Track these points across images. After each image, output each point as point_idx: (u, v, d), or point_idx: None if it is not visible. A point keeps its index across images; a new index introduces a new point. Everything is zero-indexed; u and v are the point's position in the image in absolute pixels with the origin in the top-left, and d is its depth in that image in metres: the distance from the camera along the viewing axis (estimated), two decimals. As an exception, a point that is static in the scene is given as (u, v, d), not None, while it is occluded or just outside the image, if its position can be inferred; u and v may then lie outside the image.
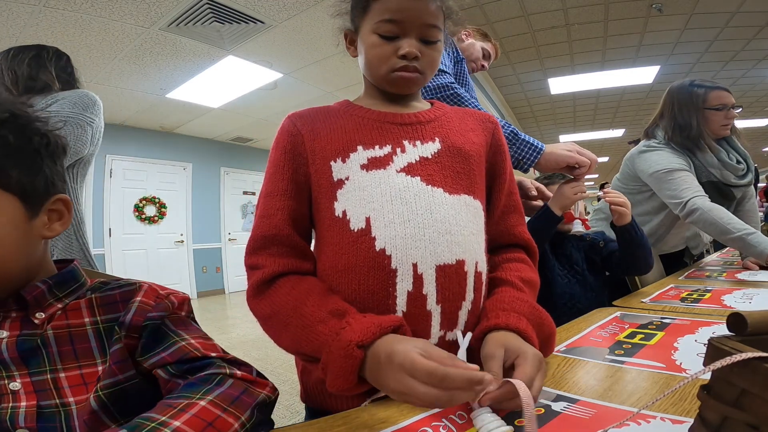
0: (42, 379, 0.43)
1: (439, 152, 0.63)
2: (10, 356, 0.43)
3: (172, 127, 5.74)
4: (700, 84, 1.54)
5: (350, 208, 0.59)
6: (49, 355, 0.44)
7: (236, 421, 0.40)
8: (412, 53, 0.60)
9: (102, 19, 2.96)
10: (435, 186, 0.60)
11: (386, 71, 0.62)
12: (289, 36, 3.42)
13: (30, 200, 0.46)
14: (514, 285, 0.63)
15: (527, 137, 1.03)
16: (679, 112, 1.54)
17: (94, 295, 0.48)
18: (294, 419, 0.48)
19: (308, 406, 0.68)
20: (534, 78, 5.22)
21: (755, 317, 0.33)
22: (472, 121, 0.71)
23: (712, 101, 1.51)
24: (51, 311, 0.46)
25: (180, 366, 0.46)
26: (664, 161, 1.52)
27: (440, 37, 0.63)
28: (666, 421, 0.43)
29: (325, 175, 0.61)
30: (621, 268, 1.25)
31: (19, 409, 0.41)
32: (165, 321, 0.48)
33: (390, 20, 0.60)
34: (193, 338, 0.48)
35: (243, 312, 4.84)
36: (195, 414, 0.37)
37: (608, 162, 9.97)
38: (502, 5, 3.57)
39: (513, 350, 0.49)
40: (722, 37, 4.14)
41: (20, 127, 0.46)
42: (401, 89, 0.65)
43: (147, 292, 0.50)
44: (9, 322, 0.45)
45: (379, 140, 0.62)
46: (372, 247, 0.57)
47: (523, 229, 0.72)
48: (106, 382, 0.44)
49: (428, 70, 0.63)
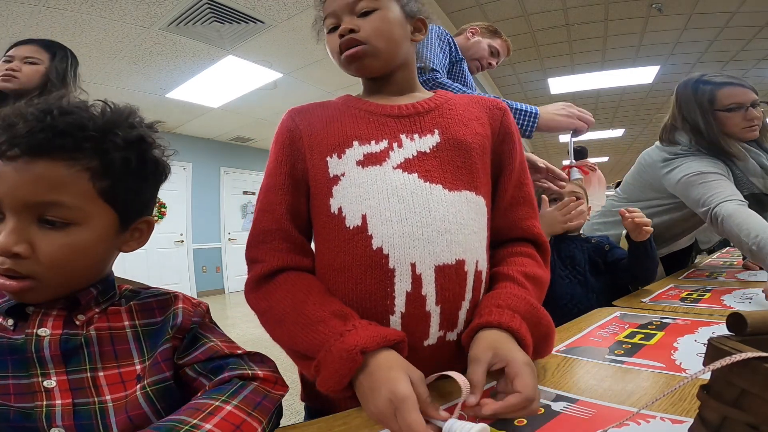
0: (81, 377, 0.44)
1: (438, 146, 0.61)
2: (51, 354, 0.44)
3: (172, 127, 5.74)
4: (708, 80, 1.30)
5: (346, 205, 0.59)
6: (90, 355, 0.46)
7: (259, 426, 0.42)
8: (345, 29, 0.62)
9: (102, 19, 2.95)
10: (433, 183, 0.59)
11: (337, 57, 0.64)
12: (289, 36, 3.42)
13: (125, 218, 0.50)
14: (516, 280, 0.61)
15: (518, 104, 1.03)
16: (688, 115, 1.33)
17: (133, 303, 0.51)
18: (294, 419, 0.48)
19: (308, 406, 0.68)
20: (534, 78, 5.21)
21: (755, 317, 0.33)
22: (478, 108, 0.68)
23: (722, 101, 1.26)
24: (90, 314, 0.48)
25: (207, 364, 0.48)
26: (696, 166, 1.27)
27: (376, 5, 0.63)
28: (666, 421, 0.43)
29: (321, 171, 0.61)
30: (627, 278, 1.23)
31: (55, 408, 0.42)
32: (200, 326, 0.52)
33: (327, 16, 0.65)
34: (219, 341, 0.51)
35: (243, 312, 4.83)
36: (223, 418, 0.39)
37: (608, 162, 9.97)
38: (502, 5, 3.57)
39: (501, 357, 0.48)
40: (722, 37, 4.14)
41: (142, 151, 0.49)
42: (358, 69, 0.65)
43: (184, 301, 0.53)
44: (51, 321, 0.46)
45: (375, 135, 0.61)
46: (369, 246, 0.57)
47: (533, 222, 0.68)
48: (154, 378, 0.46)
49: (372, 37, 0.62)
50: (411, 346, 0.57)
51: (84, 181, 0.45)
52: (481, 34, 1.59)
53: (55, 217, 0.44)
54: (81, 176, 0.44)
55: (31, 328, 0.44)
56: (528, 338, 0.53)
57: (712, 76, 1.30)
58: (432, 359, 0.58)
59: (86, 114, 0.46)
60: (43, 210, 0.43)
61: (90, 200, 0.46)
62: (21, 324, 0.45)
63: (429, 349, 0.58)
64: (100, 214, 0.47)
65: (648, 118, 6.77)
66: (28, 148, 0.42)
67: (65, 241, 0.44)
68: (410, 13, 0.66)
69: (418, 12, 0.67)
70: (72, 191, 0.44)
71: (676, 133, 1.38)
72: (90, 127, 0.45)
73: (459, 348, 0.60)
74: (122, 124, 0.48)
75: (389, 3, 0.64)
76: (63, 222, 0.44)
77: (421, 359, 0.57)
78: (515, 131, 0.70)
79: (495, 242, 0.68)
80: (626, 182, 1.58)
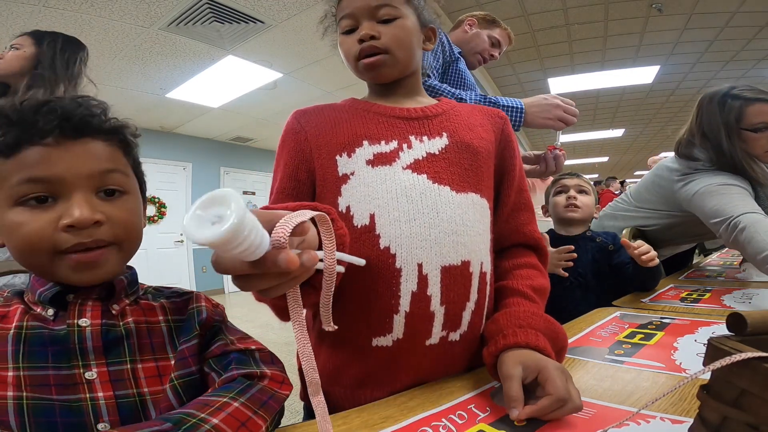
0: (121, 369, 0.45)
1: (446, 148, 0.62)
2: (93, 345, 0.44)
3: (172, 127, 5.74)
4: (738, 94, 1.17)
5: (354, 203, 0.59)
6: (130, 346, 0.46)
7: (264, 424, 0.42)
8: (366, 35, 0.61)
9: (102, 19, 2.95)
10: (442, 184, 0.59)
11: (354, 61, 0.64)
12: (289, 36, 3.42)
13: (143, 193, 0.55)
14: (527, 296, 0.62)
15: (503, 99, 1.03)
16: (710, 132, 1.21)
17: (164, 301, 0.53)
18: (294, 419, 0.48)
19: (307, 405, 0.68)
20: (534, 78, 5.21)
21: (755, 317, 0.33)
22: (481, 116, 0.70)
23: (751, 119, 1.14)
24: (122, 305, 0.49)
25: (220, 360, 0.49)
26: (718, 179, 1.17)
27: (397, 14, 0.62)
28: (666, 421, 0.43)
29: (330, 170, 0.61)
30: (630, 285, 1.22)
31: (99, 401, 0.42)
32: (221, 324, 0.53)
33: (344, 16, 0.64)
34: (236, 339, 0.52)
35: (243, 312, 4.84)
36: (230, 414, 0.40)
37: (608, 162, 9.97)
38: (502, 5, 3.57)
39: (531, 367, 0.49)
40: (722, 37, 4.14)
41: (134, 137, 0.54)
42: (375, 76, 0.65)
43: (204, 299, 0.55)
44: (89, 310, 0.46)
45: (385, 135, 0.61)
46: (376, 245, 0.57)
47: (533, 227, 0.70)
48: (180, 372, 0.47)
49: (393, 46, 0.62)
50: (413, 344, 0.57)
51: (121, 155, 0.50)
52: (480, 25, 1.54)
53: (115, 184, 0.47)
54: (119, 151, 0.49)
55: (72, 318, 0.45)
56: (552, 355, 0.54)
57: (742, 89, 1.17)
58: (433, 359, 0.58)
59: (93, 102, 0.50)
60: (103, 180, 0.46)
61: (130, 171, 0.51)
62: (61, 314, 0.45)
63: (430, 349, 0.58)
64: (134, 185, 0.51)
65: (648, 118, 6.78)
66: (73, 129, 0.45)
67: (128, 206, 0.48)
68: (425, 22, 0.67)
69: (431, 21, 0.68)
70: (121, 162, 0.49)
71: (695, 149, 1.28)
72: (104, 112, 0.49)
73: (460, 349, 0.60)
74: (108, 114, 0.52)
75: (408, 11, 0.64)
76: (121, 190, 0.48)
77: (422, 358, 0.58)
78: (515, 139, 0.72)
79: (497, 247, 0.68)
80: (639, 191, 1.53)
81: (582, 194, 1.35)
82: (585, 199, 1.35)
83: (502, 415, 0.47)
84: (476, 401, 0.52)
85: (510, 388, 0.47)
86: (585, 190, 1.36)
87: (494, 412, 0.48)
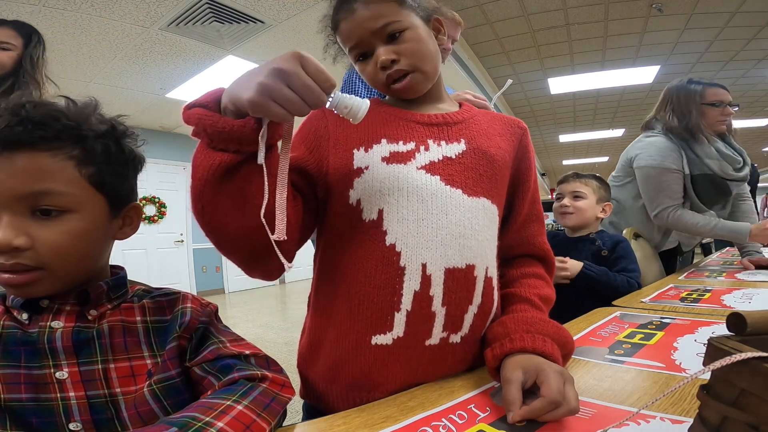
0: (92, 369, 0.45)
1: (463, 153, 0.62)
2: (63, 345, 0.44)
3: (172, 127, 5.73)
4: (698, 81, 1.63)
5: (365, 197, 0.59)
6: (101, 346, 0.46)
7: (268, 427, 0.42)
8: (386, 61, 0.59)
9: (102, 19, 2.95)
10: (454, 187, 0.59)
11: (383, 88, 0.63)
12: (289, 36, 3.42)
13: (115, 204, 0.51)
14: (534, 304, 0.63)
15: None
16: (678, 105, 1.63)
17: (145, 301, 0.52)
18: (294, 419, 0.48)
19: (306, 404, 0.68)
20: (534, 78, 5.21)
21: (755, 317, 0.33)
22: (501, 125, 0.70)
23: (709, 97, 1.59)
24: (102, 310, 0.49)
25: (215, 363, 0.48)
26: (657, 156, 1.61)
27: (402, 25, 0.60)
28: (666, 421, 0.43)
29: (345, 162, 0.61)
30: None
31: (70, 401, 0.42)
32: (209, 326, 0.52)
33: (351, 48, 0.62)
34: (228, 341, 0.52)
35: (243, 311, 4.84)
36: (235, 417, 0.40)
37: (608, 162, 9.97)
38: (502, 5, 3.57)
39: (531, 370, 0.49)
40: (722, 37, 4.14)
41: (117, 138, 0.52)
42: (408, 96, 0.65)
43: (192, 300, 0.53)
44: (64, 315, 0.46)
45: (404, 136, 0.61)
46: (382, 241, 0.57)
47: (543, 239, 0.71)
48: (160, 376, 0.47)
49: (418, 63, 0.61)
50: (412, 344, 0.57)
51: (70, 168, 0.45)
52: None
53: (50, 205, 0.44)
54: (66, 164, 0.45)
55: (45, 321, 0.45)
56: (560, 360, 0.54)
57: (699, 79, 1.64)
58: (432, 359, 0.58)
59: (56, 107, 0.47)
60: (36, 201, 0.43)
61: (79, 187, 0.46)
62: (35, 318, 0.46)
63: (430, 349, 0.58)
64: (90, 200, 0.47)
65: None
66: (7, 142, 0.42)
67: (64, 228, 0.45)
68: (427, 16, 0.64)
69: (432, 11, 0.66)
70: (61, 178, 0.45)
71: (654, 122, 1.72)
72: (64, 117, 0.46)
73: (461, 351, 0.60)
74: (91, 115, 0.49)
75: (409, 15, 0.61)
76: (58, 210, 0.45)
77: (422, 358, 0.58)
78: (532, 150, 0.72)
79: (505, 256, 0.69)
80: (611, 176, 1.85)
81: (577, 199, 1.36)
82: (581, 203, 1.35)
83: (502, 415, 0.47)
84: (476, 401, 0.52)
85: (508, 392, 0.48)
86: (580, 195, 1.36)
87: (494, 412, 0.48)
